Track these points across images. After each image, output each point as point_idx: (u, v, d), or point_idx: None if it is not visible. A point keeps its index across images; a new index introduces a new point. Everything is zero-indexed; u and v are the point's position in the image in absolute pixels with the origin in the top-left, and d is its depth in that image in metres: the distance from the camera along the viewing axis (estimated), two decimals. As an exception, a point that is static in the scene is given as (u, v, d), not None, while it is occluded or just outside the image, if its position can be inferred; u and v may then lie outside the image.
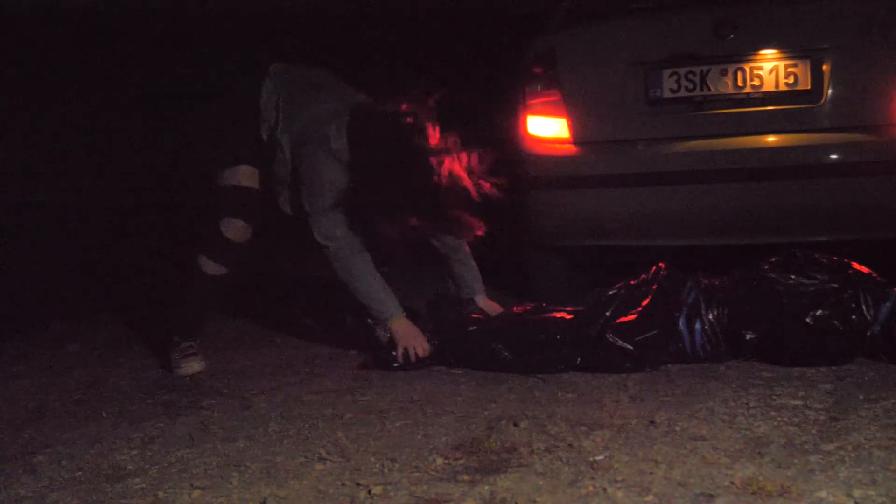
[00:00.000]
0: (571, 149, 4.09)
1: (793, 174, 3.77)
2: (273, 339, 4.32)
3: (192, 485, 2.51)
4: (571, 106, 4.06)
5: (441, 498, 2.30)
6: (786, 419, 2.72)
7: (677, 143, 3.91)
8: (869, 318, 3.27)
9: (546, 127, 4.12)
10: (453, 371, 3.55)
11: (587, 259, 4.43)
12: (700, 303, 3.43)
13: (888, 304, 3.27)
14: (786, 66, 3.81)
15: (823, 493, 2.18)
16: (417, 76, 7.65)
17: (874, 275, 3.40)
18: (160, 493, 2.46)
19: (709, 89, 3.87)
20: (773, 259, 3.51)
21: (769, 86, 3.83)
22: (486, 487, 2.34)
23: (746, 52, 3.84)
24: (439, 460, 2.57)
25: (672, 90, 3.91)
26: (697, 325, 3.41)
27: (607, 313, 3.48)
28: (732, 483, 2.26)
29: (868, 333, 3.27)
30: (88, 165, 6.11)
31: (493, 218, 3.54)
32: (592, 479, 2.35)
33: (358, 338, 3.94)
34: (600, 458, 2.49)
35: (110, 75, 4.93)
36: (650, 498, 2.21)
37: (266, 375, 3.72)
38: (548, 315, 3.67)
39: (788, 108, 3.83)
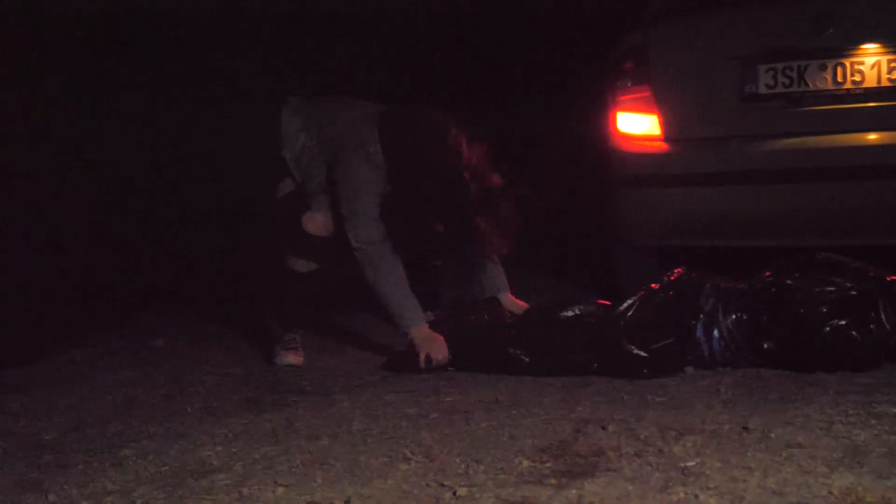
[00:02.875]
0: (662, 146, 4.02)
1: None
2: (357, 339, 4.31)
3: (276, 482, 2.50)
4: (663, 102, 3.99)
5: (527, 501, 2.26)
6: (886, 427, 2.62)
7: (773, 141, 3.83)
8: (888, 326, 3.20)
9: (636, 123, 4.06)
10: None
11: (676, 259, 4.35)
12: (718, 310, 3.39)
13: None
14: (888, 61, 3.69)
15: (928, 507, 2.08)
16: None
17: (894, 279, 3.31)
18: (244, 490, 2.46)
19: (807, 85, 3.77)
20: (794, 262, 3.44)
21: (871, 81, 3.71)
22: (574, 491, 2.29)
23: (847, 46, 3.73)
24: (525, 462, 2.52)
25: (768, 86, 3.82)
26: (715, 333, 3.37)
27: (623, 320, 3.47)
28: (830, 493, 2.18)
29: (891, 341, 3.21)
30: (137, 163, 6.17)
31: (562, 214, 3.55)
32: (683, 485, 2.28)
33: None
34: (691, 464, 2.42)
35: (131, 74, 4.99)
36: (744, 506, 2.14)
37: (350, 374, 3.71)
38: (566, 317, 3.65)
39: (891, 104, 3.70)
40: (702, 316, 3.39)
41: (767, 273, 3.46)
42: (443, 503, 2.29)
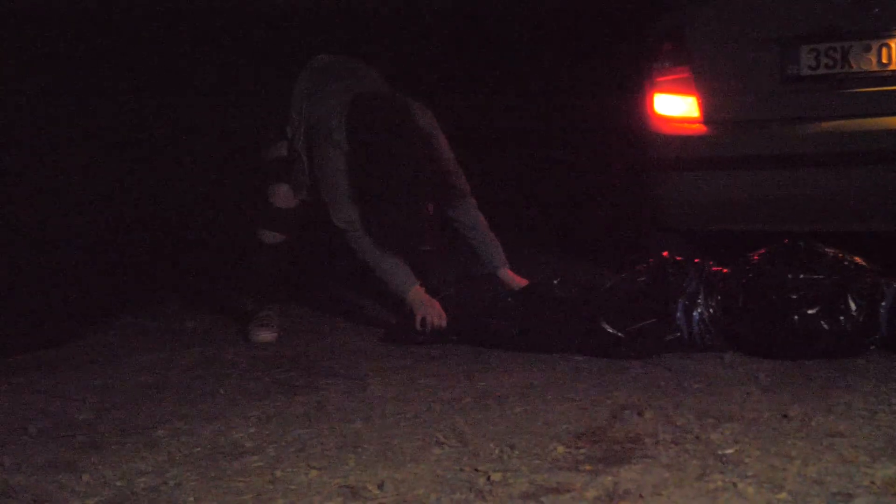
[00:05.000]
0: (701, 128, 3.97)
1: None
2: (389, 321, 4.29)
3: (309, 465, 2.49)
4: (702, 83, 3.94)
5: (562, 487, 2.23)
6: (931, 417, 2.57)
7: (815, 124, 3.77)
8: (854, 315, 3.18)
9: (674, 105, 4.01)
10: (575, 357, 3.47)
11: (713, 243, 4.31)
12: (700, 292, 3.40)
13: (885, 303, 3.19)
14: (935, 42, 3.61)
15: (975, 498, 2.04)
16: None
17: (870, 270, 3.29)
18: (278, 472, 2.45)
19: (850, 66, 3.70)
20: (774, 249, 3.44)
21: (917, 63, 3.63)
22: (609, 478, 2.26)
23: (892, 26, 3.66)
24: (560, 448, 2.49)
25: (811, 67, 3.76)
26: (696, 315, 3.38)
27: (604, 299, 3.53)
28: (872, 483, 2.14)
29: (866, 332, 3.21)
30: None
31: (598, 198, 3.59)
32: (721, 473, 2.25)
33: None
34: (730, 451, 2.39)
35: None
36: (783, 495, 2.10)
37: (382, 357, 3.70)
38: (552, 294, 3.72)
39: None
40: (683, 298, 3.41)
41: (755, 257, 3.47)
42: (477, 488, 2.26)
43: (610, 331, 3.44)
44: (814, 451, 2.36)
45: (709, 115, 3.95)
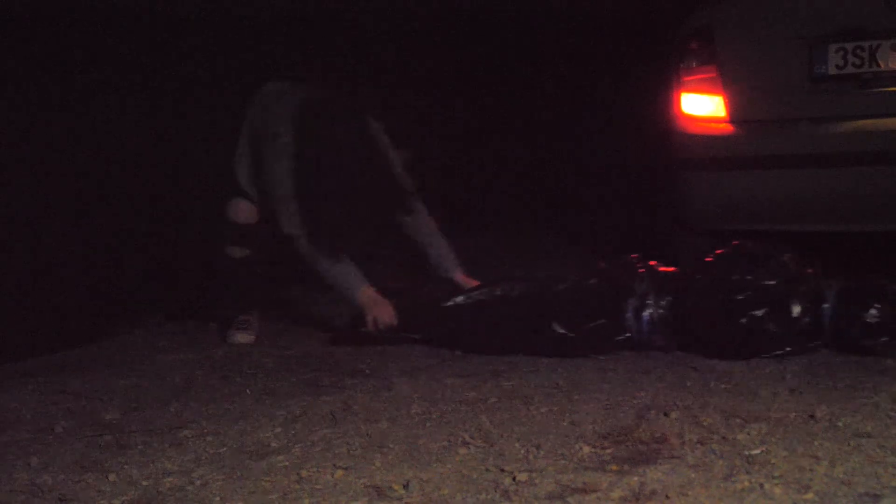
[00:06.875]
0: (728, 128, 3.95)
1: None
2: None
3: (335, 464, 2.50)
4: (729, 83, 3.92)
5: (588, 487, 2.23)
6: (959, 418, 2.56)
7: (843, 123, 3.74)
8: (797, 316, 3.28)
9: (701, 105, 3.99)
10: (600, 357, 3.46)
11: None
12: (649, 294, 3.47)
13: (827, 305, 3.28)
14: (964, 41, 3.58)
15: None
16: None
17: (814, 273, 3.39)
18: (303, 472, 2.45)
19: (879, 66, 3.68)
20: (725, 250, 3.52)
21: (945, 62, 3.60)
22: (636, 478, 2.25)
23: None
24: (586, 448, 2.49)
25: (838, 66, 3.73)
26: (645, 316, 3.45)
27: (554, 300, 3.60)
28: (901, 483, 2.12)
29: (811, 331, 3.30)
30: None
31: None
32: (748, 473, 2.24)
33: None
34: (756, 452, 2.38)
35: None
36: (810, 496, 2.09)
37: (407, 356, 3.70)
38: (505, 295, 3.77)
39: None
40: (633, 299, 3.48)
41: (705, 259, 3.55)
42: (502, 488, 2.26)
43: (561, 331, 3.52)
44: (841, 451, 2.35)
45: (735, 115, 3.93)
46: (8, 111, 4.21)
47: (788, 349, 3.27)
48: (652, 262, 3.63)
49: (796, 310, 3.30)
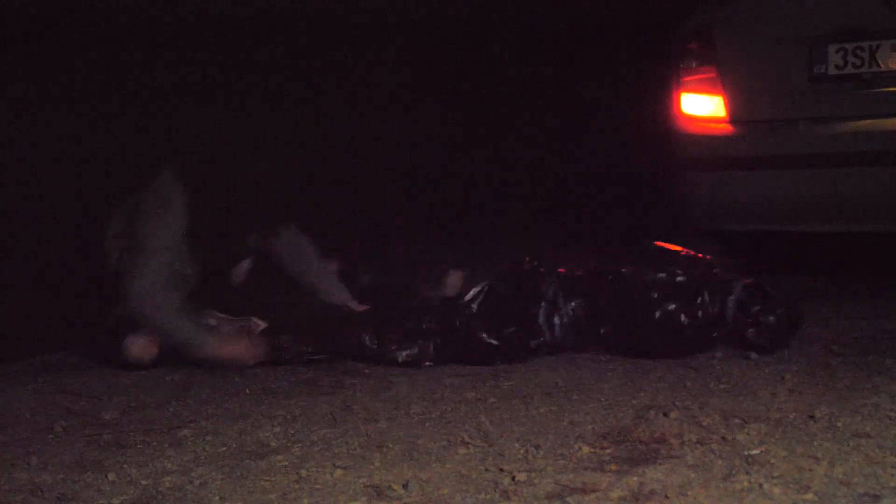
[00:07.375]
0: (727, 128, 3.96)
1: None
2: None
3: (334, 464, 2.50)
4: (728, 83, 3.94)
5: (587, 487, 2.23)
6: (959, 418, 2.55)
7: (843, 123, 3.75)
8: (712, 311, 3.31)
9: (701, 105, 4.00)
10: (600, 357, 3.47)
11: (741, 243, 4.29)
12: (559, 296, 3.48)
13: (733, 297, 3.31)
14: (964, 41, 3.59)
15: None
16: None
17: (721, 269, 3.43)
18: (303, 472, 2.46)
19: (878, 66, 3.69)
20: (630, 251, 3.58)
21: (945, 62, 3.61)
22: (635, 478, 2.25)
23: None
24: (585, 448, 2.49)
25: (838, 66, 3.74)
26: (556, 320, 3.47)
27: (468, 309, 3.57)
28: (900, 484, 2.12)
29: (716, 327, 3.34)
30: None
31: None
32: (747, 473, 2.24)
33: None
34: (756, 452, 2.38)
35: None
36: (810, 496, 2.09)
37: (407, 356, 3.69)
38: (414, 305, 3.78)
39: None
40: (543, 303, 3.49)
41: (613, 259, 3.59)
42: (501, 488, 2.26)
43: (486, 339, 3.48)
44: (840, 451, 2.35)
45: (735, 115, 3.94)
46: (8, 111, 4.22)
47: (699, 341, 3.33)
48: (561, 270, 3.61)
49: (707, 301, 3.33)
